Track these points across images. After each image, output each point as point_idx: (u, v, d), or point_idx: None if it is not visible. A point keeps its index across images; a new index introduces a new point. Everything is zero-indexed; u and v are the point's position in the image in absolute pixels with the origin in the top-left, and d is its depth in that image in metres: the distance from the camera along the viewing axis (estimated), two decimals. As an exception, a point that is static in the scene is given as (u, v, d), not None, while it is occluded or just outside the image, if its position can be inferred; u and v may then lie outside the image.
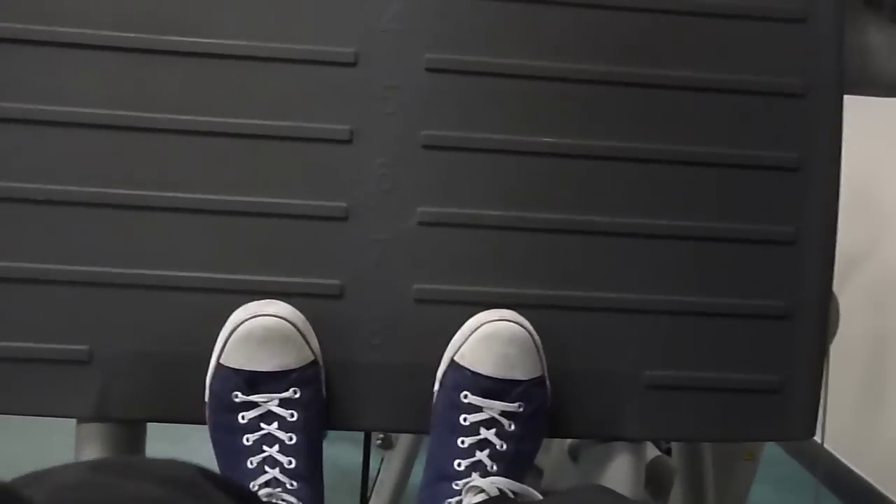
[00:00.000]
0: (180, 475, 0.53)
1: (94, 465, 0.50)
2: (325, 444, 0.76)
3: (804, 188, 0.80)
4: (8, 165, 0.74)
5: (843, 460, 1.90)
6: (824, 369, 1.24)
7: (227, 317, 0.74)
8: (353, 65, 0.76)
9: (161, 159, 0.75)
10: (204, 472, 0.55)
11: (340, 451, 1.64)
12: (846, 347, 1.78)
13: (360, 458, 1.34)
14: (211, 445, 0.73)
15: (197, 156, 0.75)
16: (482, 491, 0.70)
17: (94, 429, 0.77)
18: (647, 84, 0.78)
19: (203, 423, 0.74)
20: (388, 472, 1.48)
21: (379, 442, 1.50)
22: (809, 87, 0.80)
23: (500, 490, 0.70)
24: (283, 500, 0.69)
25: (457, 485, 0.71)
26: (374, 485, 1.49)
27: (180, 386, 0.75)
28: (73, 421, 0.78)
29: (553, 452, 1.41)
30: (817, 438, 1.17)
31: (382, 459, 1.51)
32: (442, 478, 0.72)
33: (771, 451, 2.06)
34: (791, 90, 0.79)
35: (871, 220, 1.84)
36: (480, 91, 0.77)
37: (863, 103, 0.87)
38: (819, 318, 0.81)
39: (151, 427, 0.81)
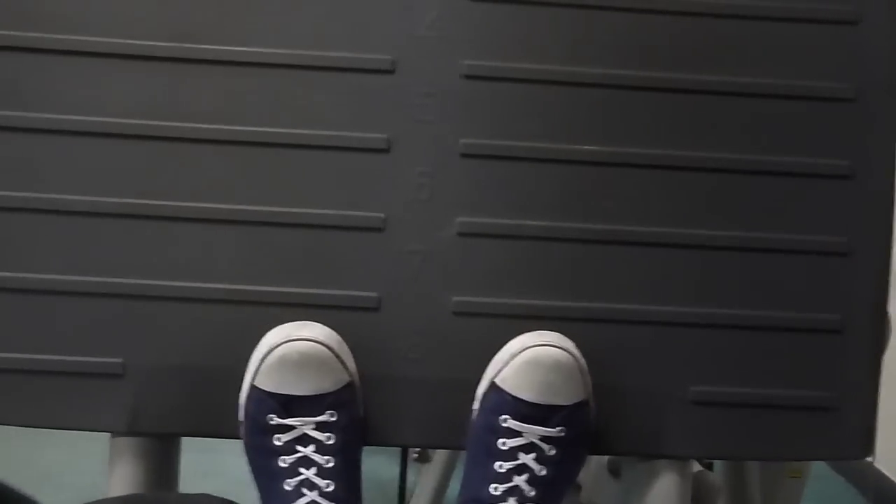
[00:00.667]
0: None
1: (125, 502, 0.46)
2: (362, 457, 0.75)
3: (857, 197, 0.78)
4: (41, 176, 0.74)
5: (894, 479, 1.85)
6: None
7: (262, 329, 0.73)
8: (390, 72, 0.75)
9: (195, 169, 0.74)
10: None
11: (377, 464, 1.64)
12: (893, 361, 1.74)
13: (397, 472, 1.33)
14: (242, 458, 0.73)
15: (231, 166, 0.75)
16: None
17: (127, 442, 0.77)
18: (692, 90, 0.77)
19: (235, 437, 0.74)
20: (424, 487, 1.48)
21: (416, 456, 1.50)
22: (862, 92, 0.77)
23: None
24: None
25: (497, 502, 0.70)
26: (410, 498, 1.49)
27: (214, 400, 0.74)
28: (108, 436, 0.77)
29: (592, 467, 1.39)
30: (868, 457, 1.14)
31: (419, 472, 1.51)
32: (477, 501, 0.71)
33: (818, 468, 2.02)
34: (843, 95, 0.77)
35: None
36: (519, 98, 0.76)
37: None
38: (873, 332, 0.79)
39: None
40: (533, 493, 0.70)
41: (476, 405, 0.75)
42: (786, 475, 1.31)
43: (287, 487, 0.69)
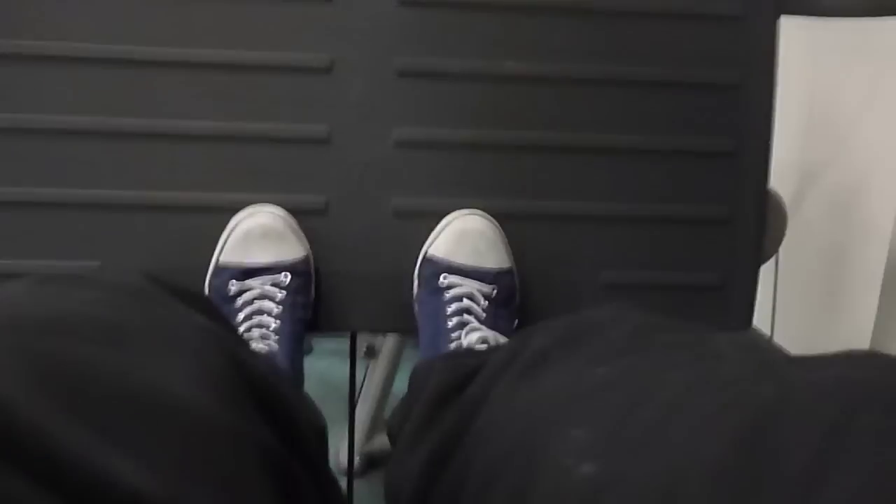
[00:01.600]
0: (128, 282, 0.50)
1: (40, 279, 0.47)
2: (312, 360, 0.82)
3: (742, 104, 0.88)
4: (14, 99, 0.80)
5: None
6: (775, 275, 1.34)
7: (222, 233, 0.81)
8: (329, 0, 0.82)
9: (160, 91, 0.81)
10: (152, 277, 0.53)
11: (327, 365, 1.71)
12: (801, 256, 1.88)
13: (346, 371, 1.42)
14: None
15: (191, 86, 0.81)
16: (480, 330, 0.75)
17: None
18: (602, 12, 0.85)
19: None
20: (372, 380, 1.56)
21: (364, 352, 1.57)
22: (749, 10, 0.86)
23: (496, 338, 0.75)
24: (264, 344, 0.73)
25: (453, 335, 0.77)
26: (359, 393, 1.56)
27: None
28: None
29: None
30: (765, 330, 1.27)
31: (367, 367, 1.59)
32: (436, 335, 0.78)
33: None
34: (731, 13, 0.86)
35: (826, 136, 1.93)
36: (450, 21, 0.84)
37: (819, 25, 0.93)
38: (755, 222, 0.90)
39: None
40: (481, 329, 0.77)
41: (416, 283, 0.84)
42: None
43: (239, 330, 0.75)
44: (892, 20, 0.92)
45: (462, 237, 0.81)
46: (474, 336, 0.75)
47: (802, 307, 1.95)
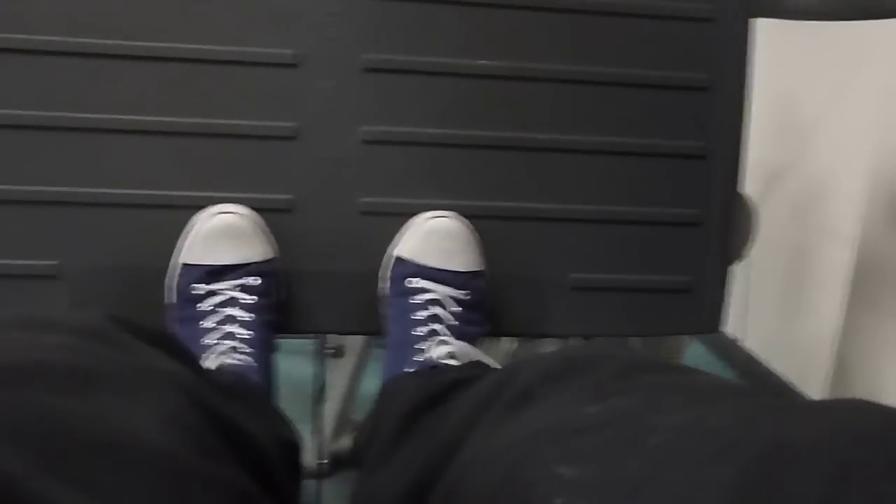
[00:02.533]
0: (90, 324, 0.50)
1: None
2: (277, 358, 0.80)
3: (713, 107, 0.88)
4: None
5: (763, 359, 2.03)
6: (747, 275, 1.34)
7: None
8: None
9: (120, 85, 0.79)
10: (114, 318, 0.52)
11: (292, 365, 1.69)
12: (770, 256, 1.90)
13: (311, 371, 1.40)
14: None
15: (154, 81, 0.79)
16: (448, 343, 0.75)
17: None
18: (572, 10, 0.84)
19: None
20: (338, 380, 1.55)
21: (331, 351, 1.55)
22: (719, 12, 0.86)
23: (465, 352, 0.75)
24: (235, 359, 0.72)
25: (420, 345, 0.76)
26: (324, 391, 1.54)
27: (145, 296, 0.80)
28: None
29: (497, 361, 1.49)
30: (730, 333, 1.27)
31: (331, 367, 1.57)
32: (404, 345, 0.77)
33: (697, 352, 2.19)
34: (702, 14, 0.86)
35: (792, 137, 1.94)
36: (420, 16, 0.83)
37: (787, 27, 0.93)
38: (726, 224, 0.90)
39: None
40: (449, 337, 0.77)
41: (385, 284, 0.83)
42: (663, 357, 1.46)
43: (208, 342, 0.74)
44: (857, 24, 0.93)
45: (431, 237, 0.80)
46: (443, 350, 0.74)
47: (769, 307, 1.97)
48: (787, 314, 1.93)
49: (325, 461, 1.48)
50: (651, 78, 0.86)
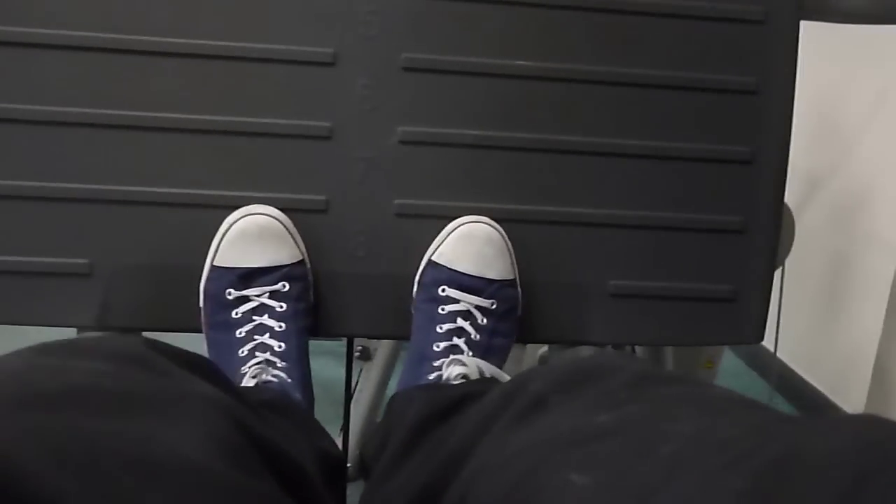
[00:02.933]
0: (128, 350, 0.51)
1: (39, 350, 0.47)
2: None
3: (760, 111, 0.85)
4: (5, 88, 0.76)
5: (797, 370, 2.00)
6: (781, 283, 1.31)
7: (217, 231, 0.78)
8: None
9: (156, 82, 0.78)
10: (152, 344, 0.54)
11: (321, 365, 1.69)
12: (805, 264, 1.87)
13: (340, 372, 1.39)
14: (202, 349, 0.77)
15: (190, 78, 0.78)
16: (462, 364, 0.75)
17: (95, 337, 0.82)
18: (618, 10, 0.82)
19: (197, 330, 0.79)
20: (367, 382, 1.54)
21: (358, 354, 1.55)
22: (769, 14, 0.84)
23: (479, 370, 0.75)
24: (272, 376, 0.73)
25: (436, 363, 0.76)
26: (353, 394, 1.54)
27: (177, 296, 0.80)
28: (74, 331, 0.82)
29: (525, 365, 1.48)
30: (768, 346, 1.25)
31: (361, 370, 1.57)
32: (422, 359, 0.77)
33: (731, 363, 2.16)
34: (751, 16, 0.83)
35: (831, 141, 1.90)
36: (460, 15, 0.81)
37: (828, 30, 0.91)
38: (770, 232, 0.87)
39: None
40: (471, 354, 0.77)
41: (416, 287, 0.82)
42: (699, 366, 1.43)
43: (241, 354, 0.74)
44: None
45: (468, 243, 0.79)
46: (455, 370, 0.74)
47: (804, 316, 1.93)
48: (823, 323, 1.89)
49: (350, 465, 1.47)
50: (697, 80, 0.84)
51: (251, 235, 0.76)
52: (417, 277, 0.81)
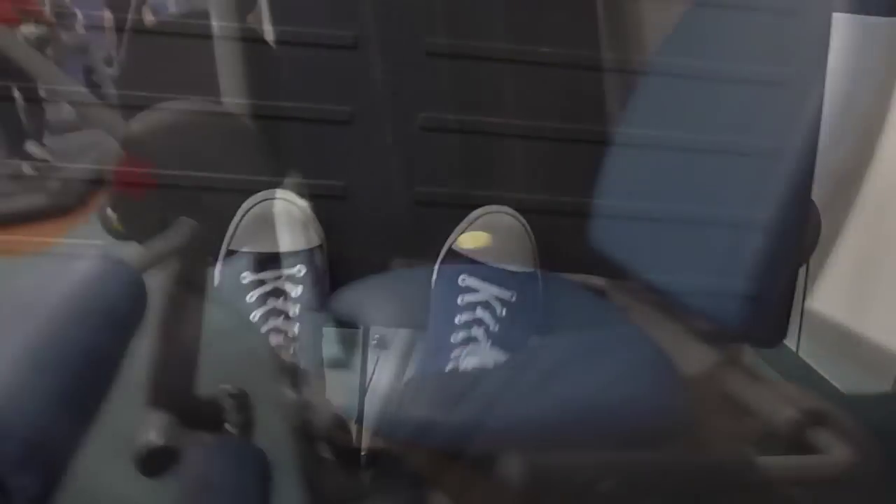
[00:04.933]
0: None
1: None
2: (322, 347, 0.80)
3: (790, 104, 0.83)
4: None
5: (819, 370, 1.97)
6: (805, 282, 1.29)
7: (235, 213, 0.77)
8: None
9: (177, 64, 0.77)
10: None
11: (337, 354, 1.68)
12: (828, 262, 1.83)
13: (354, 360, 1.38)
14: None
15: (213, 63, 0.78)
16: (479, 356, 0.74)
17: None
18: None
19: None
20: (383, 371, 1.53)
21: (374, 342, 1.54)
22: (802, 5, 0.82)
23: (496, 363, 0.73)
24: (285, 346, 0.73)
25: (453, 354, 0.75)
26: (369, 383, 1.53)
27: (193, 279, 0.78)
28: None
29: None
30: (790, 345, 1.22)
31: (378, 359, 1.56)
32: (439, 349, 0.76)
33: (750, 360, 2.13)
34: (783, 7, 0.81)
35: (858, 137, 1.87)
36: (480, 1, 0.80)
37: (863, 27, 0.88)
38: (795, 230, 0.85)
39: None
40: (488, 344, 0.75)
41: (435, 276, 0.80)
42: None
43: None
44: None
45: (490, 233, 0.78)
46: (472, 361, 0.73)
47: (829, 317, 1.91)
48: (847, 323, 1.87)
49: (364, 454, 1.46)
50: (728, 74, 0.82)
51: (268, 220, 0.76)
52: (437, 266, 0.80)
